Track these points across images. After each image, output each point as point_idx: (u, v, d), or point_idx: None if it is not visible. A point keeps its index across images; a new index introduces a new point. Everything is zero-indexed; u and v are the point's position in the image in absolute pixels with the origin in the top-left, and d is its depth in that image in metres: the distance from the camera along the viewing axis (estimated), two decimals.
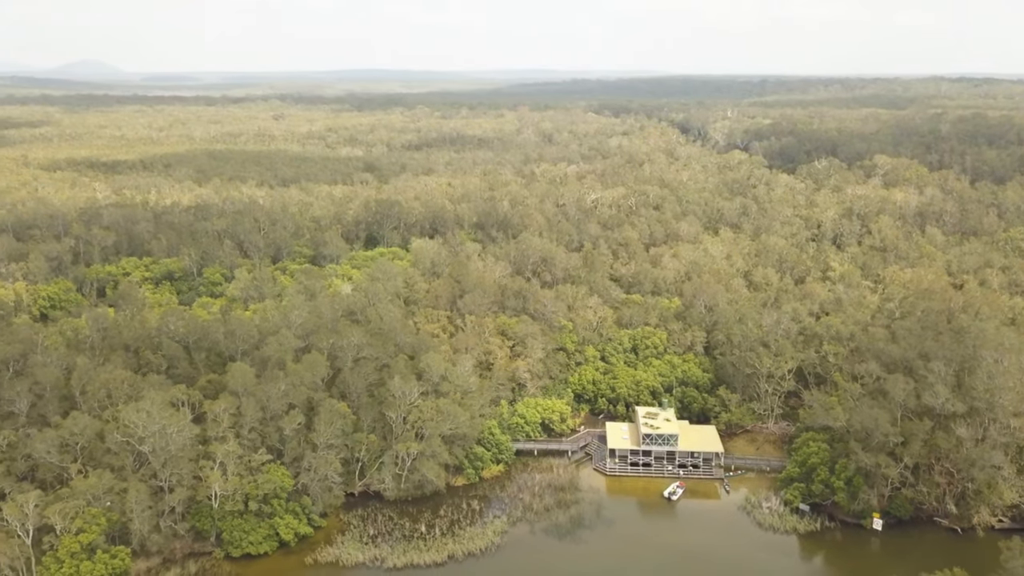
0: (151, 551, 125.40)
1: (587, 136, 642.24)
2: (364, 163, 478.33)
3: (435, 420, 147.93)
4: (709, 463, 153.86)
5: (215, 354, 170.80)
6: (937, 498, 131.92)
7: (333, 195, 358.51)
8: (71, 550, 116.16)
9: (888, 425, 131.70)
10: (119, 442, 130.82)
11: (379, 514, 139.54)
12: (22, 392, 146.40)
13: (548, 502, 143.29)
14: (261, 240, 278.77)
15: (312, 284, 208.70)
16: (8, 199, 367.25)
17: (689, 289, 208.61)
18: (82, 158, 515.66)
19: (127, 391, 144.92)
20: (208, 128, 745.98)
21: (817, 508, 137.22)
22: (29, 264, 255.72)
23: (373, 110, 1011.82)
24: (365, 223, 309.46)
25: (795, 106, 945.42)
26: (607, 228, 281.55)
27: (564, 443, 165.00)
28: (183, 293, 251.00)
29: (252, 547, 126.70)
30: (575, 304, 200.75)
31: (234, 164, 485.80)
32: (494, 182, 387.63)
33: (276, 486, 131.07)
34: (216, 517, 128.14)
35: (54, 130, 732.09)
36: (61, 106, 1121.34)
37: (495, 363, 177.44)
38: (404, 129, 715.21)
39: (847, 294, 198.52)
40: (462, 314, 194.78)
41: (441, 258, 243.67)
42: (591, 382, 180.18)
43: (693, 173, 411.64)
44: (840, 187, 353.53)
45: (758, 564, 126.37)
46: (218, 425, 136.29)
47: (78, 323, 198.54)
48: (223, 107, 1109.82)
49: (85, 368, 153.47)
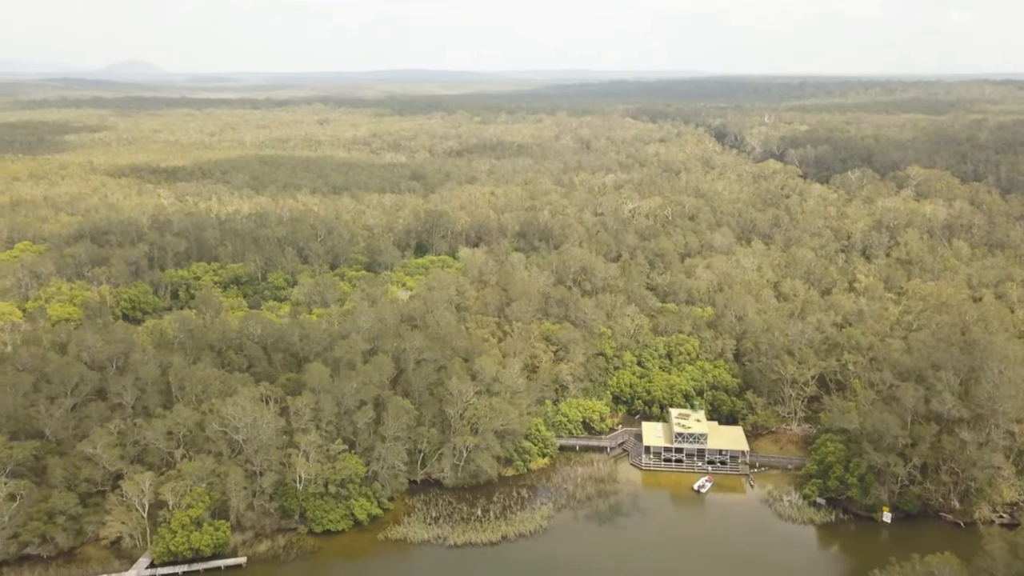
0: (246, 526, 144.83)
1: (624, 143, 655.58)
2: (410, 171, 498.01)
3: (488, 417, 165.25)
4: (736, 460, 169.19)
5: (290, 355, 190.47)
6: (943, 495, 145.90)
7: (383, 203, 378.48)
8: (182, 522, 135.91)
9: (898, 428, 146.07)
10: (217, 431, 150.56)
11: (439, 499, 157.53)
12: (128, 387, 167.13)
13: (589, 492, 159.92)
14: (320, 247, 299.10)
15: (373, 291, 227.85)
16: (83, 205, 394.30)
17: (721, 299, 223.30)
18: (143, 164, 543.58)
19: (219, 387, 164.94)
20: (257, 133, 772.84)
21: (833, 502, 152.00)
22: (111, 268, 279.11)
23: (414, 114, 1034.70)
24: (415, 232, 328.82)
25: (833, 111, 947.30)
26: (644, 238, 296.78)
27: (603, 440, 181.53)
28: (249, 296, 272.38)
29: (331, 524, 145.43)
30: (614, 312, 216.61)
31: (286, 170, 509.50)
32: (535, 191, 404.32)
33: (351, 472, 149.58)
34: (300, 498, 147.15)
35: (112, 135, 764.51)
36: (113, 108, 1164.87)
37: (540, 366, 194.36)
38: (445, 135, 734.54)
39: (869, 306, 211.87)
40: (509, 320, 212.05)
41: (488, 267, 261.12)
42: (628, 385, 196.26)
43: (728, 183, 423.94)
44: (872, 198, 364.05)
45: (778, 551, 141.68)
46: (300, 418, 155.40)
47: (162, 324, 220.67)
48: (268, 110, 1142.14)
49: (180, 366, 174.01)
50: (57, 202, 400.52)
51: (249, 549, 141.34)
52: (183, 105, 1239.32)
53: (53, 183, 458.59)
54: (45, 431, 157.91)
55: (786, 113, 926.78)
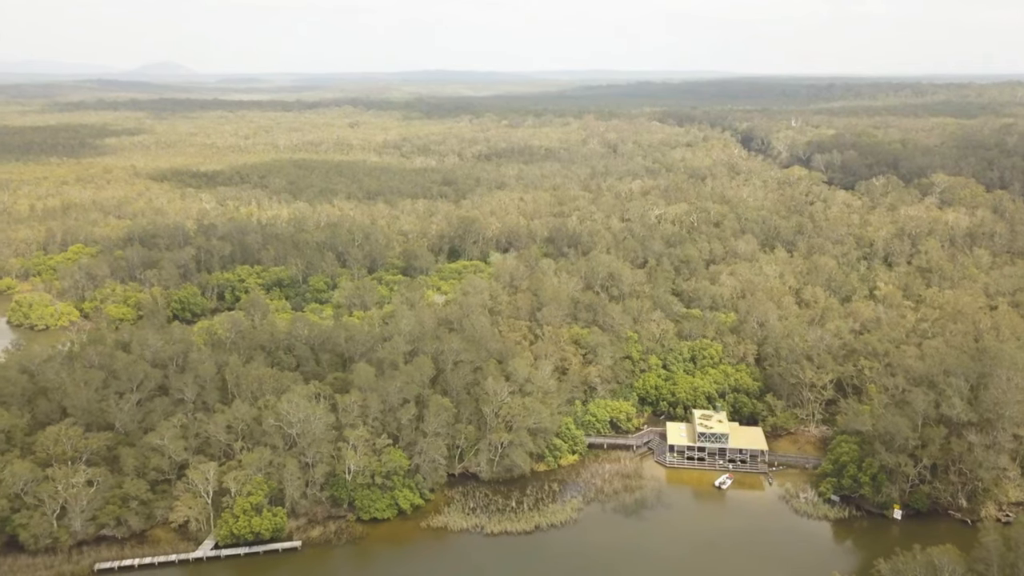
0: (300, 513, 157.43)
1: (651, 147, 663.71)
2: (441, 176, 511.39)
3: (522, 415, 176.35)
4: (755, 459, 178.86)
5: (336, 355, 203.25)
6: (951, 494, 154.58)
7: (417, 209, 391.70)
8: (244, 508, 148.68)
9: (908, 431, 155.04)
10: (272, 426, 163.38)
11: (476, 491, 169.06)
12: (188, 383, 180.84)
13: (616, 487, 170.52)
14: (358, 252, 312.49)
15: (412, 295, 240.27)
16: (129, 209, 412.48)
17: (743, 306, 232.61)
18: (182, 167, 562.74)
19: (273, 385, 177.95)
20: (290, 136, 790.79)
21: (846, 499, 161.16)
22: (161, 271, 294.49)
23: (442, 117, 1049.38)
24: (448, 237, 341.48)
25: (861, 114, 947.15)
26: (670, 245, 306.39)
27: (630, 439, 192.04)
28: (291, 299, 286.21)
29: (378, 512, 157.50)
30: (640, 317, 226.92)
31: (320, 174, 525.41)
32: (563, 197, 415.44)
33: (396, 465, 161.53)
34: (349, 488, 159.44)
35: (150, 138, 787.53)
36: (149, 111, 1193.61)
37: (570, 368, 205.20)
38: (474, 139, 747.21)
39: (886, 314, 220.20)
40: (540, 324, 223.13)
41: (519, 272, 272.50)
42: (654, 387, 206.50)
43: (753, 189, 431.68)
44: (895, 206, 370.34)
45: (793, 544, 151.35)
46: (349, 414, 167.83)
47: (213, 325, 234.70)
48: (300, 113, 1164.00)
49: (235, 365, 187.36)
50: (105, 206, 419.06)
51: (303, 534, 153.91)
52: (216, 107, 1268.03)
53: (99, 187, 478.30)
54: (115, 424, 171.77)
55: (814, 116, 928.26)
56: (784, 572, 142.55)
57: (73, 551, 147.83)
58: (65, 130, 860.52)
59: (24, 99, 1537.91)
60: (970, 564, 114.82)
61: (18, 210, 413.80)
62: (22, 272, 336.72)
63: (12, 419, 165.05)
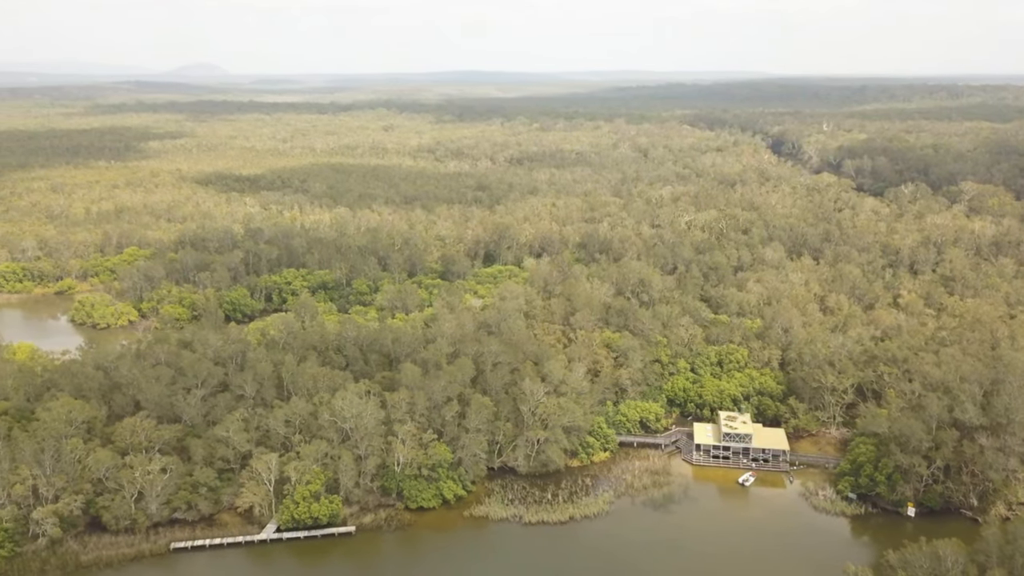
0: (353, 501, 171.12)
1: (682, 151, 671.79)
2: (475, 181, 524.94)
3: (557, 414, 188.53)
4: (777, 459, 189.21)
5: (382, 355, 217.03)
6: (963, 494, 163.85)
7: (452, 215, 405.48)
8: (303, 495, 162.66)
9: (922, 433, 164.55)
10: (328, 421, 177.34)
11: (514, 484, 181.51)
12: (248, 381, 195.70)
13: (645, 482, 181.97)
14: (398, 256, 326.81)
15: (452, 300, 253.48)
16: (179, 213, 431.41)
17: (769, 313, 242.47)
18: (225, 171, 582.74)
19: (327, 383, 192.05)
20: (326, 140, 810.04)
21: (863, 497, 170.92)
22: (214, 274, 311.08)
23: (474, 120, 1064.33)
24: (483, 242, 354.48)
25: (894, 118, 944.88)
26: (699, 252, 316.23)
27: (658, 438, 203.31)
28: (336, 301, 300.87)
29: (424, 502, 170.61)
30: (669, 323, 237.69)
31: (358, 179, 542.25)
32: (594, 203, 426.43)
33: (440, 458, 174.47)
34: (398, 479, 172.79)
35: (191, 141, 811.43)
36: (188, 114, 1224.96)
37: (602, 371, 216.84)
38: (505, 143, 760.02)
39: (907, 322, 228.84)
40: (574, 328, 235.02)
41: (552, 278, 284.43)
42: (682, 389, 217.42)
43: (782, 196, 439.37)
44: (922, 214, 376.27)
45: (812, 537, 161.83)
46: (397, 410, 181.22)
47: (265, 326, 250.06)
48: (335, 115, 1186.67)
49: (290, 364, 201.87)
50: (156, 209, 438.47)
51: (357, 520, 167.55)
52: (252, 109, 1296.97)
53: (148, 191, 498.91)
54: (183, 417, 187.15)
55: (846, 120, 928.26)
56: (802, 562, 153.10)
57: (150, 532, 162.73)
58: (110, 133, 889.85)
59: (67, 101, 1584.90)
60: (971, 556, 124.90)
61: (74, 213, 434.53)
62: (81, 273, 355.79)
63: (92, 411, 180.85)
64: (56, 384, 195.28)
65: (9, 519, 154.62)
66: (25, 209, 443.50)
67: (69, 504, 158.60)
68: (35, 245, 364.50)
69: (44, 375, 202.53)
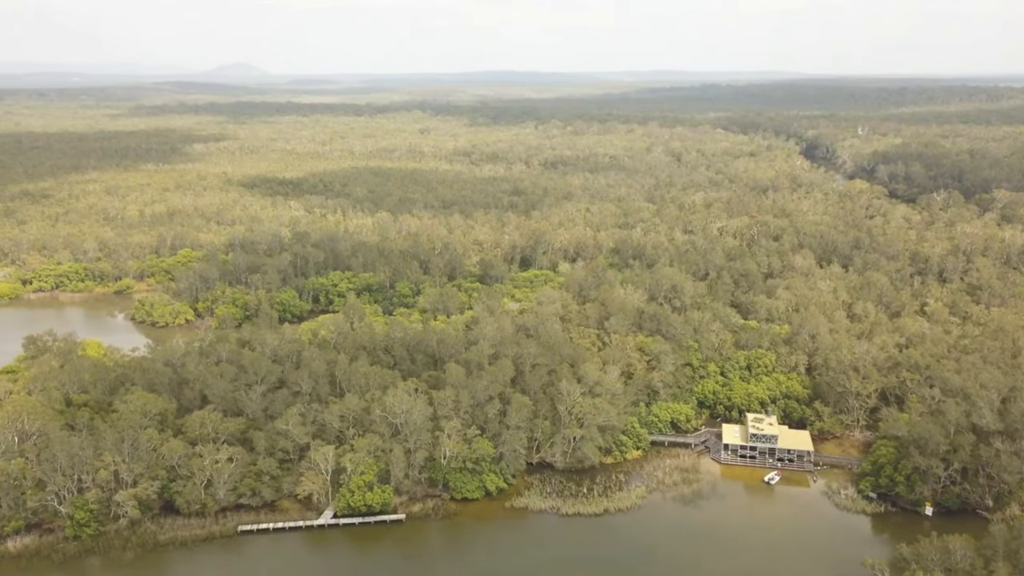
0: (402, 491, 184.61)
1: (715, 156, 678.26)
2: (510, 185, 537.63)
3: (592, 414, 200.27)
4: (802, 459, 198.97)
5: (427, 355, 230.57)
6: (979, 495, 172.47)
7: (489, 220, 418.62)
8: (358, 484, 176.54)
9: (940, 437, 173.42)
10: (380, 416, 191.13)
11: (552, 478, 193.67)
12: (304, 378, 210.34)
13: (676, 479, 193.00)
14: (439, 260, 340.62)
15: (492, 303, 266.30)
16: (228, 216, 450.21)
17: (797, 319, 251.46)
18: (270, 175, 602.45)
19: (378, 381, 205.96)
20: (364, 143, 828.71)
21: (883, 497, 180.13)
22: (265, 275, 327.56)
23: (508, 122, 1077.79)
24: (519, 247, 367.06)
25: (931, 121, 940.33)
26: (730, 259, 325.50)
27: (688, 438, 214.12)
28: (380, 303, 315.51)
29: (468, 493, 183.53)
30: (700, 328, 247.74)
31: (397, 182, 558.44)
32: (628, 208, 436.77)
33: (483, 452, 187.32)
34: (444, 471, 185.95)
35: (233, 143, 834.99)
36: (228, 115, 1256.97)
37: (635, 373, 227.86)
38: (539, 147, 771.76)
39: (931, 330, 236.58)
40: (608, 332, 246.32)
41: (587, 283, 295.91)
42: (712, 392, 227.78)
43: (813, 202, 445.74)
44: (953, 222, 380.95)
45: (833, 533, 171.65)
46: (444, 407, 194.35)
47: (315, 326, 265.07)
48: (371, 117, 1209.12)
49: (343, 363, 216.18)
50: (206, 212, 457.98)
51: (406, 508, 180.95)
52: (291, 111, 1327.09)
53: (197, 194, 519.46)
54: (245, 411, 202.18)
55: (882, 123, 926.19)
56: (823, 556, 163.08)
57: (218, 515, 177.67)
58: (155, 135, 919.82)
59: (112, 102, 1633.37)
60: (979, 550, 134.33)
61: (129, 215, 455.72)
62: (138, 273, 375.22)
63: (164, 404, 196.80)
64: (129, 379, 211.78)
65: (94, 501, 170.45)
66: (83, 211, 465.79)
67: (147, 489, 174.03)
68: (95, 246, 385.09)
69: (117, 370, 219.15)
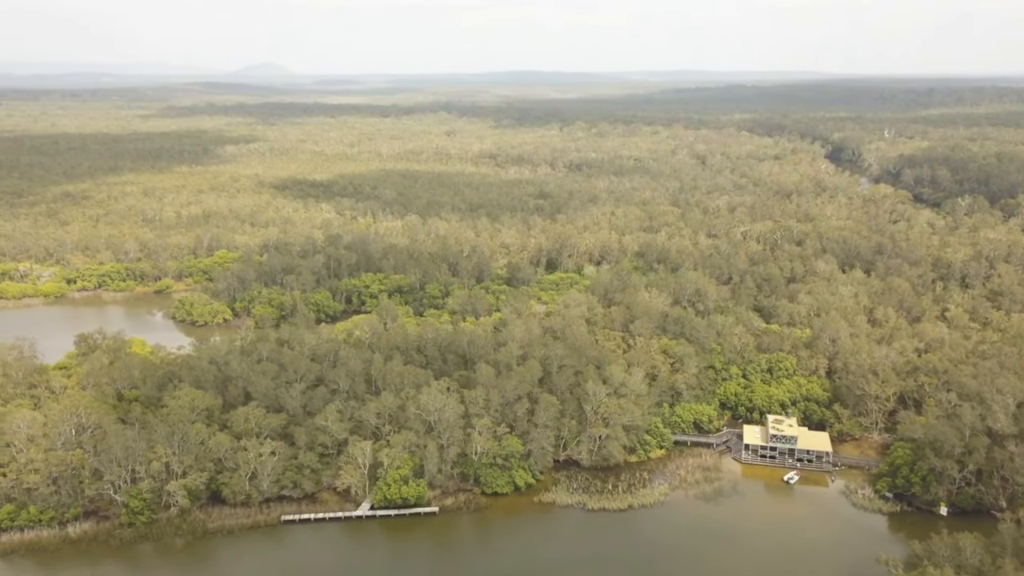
0: (436, 485, 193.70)
1: (739, 159, 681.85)
2: (535, 188, 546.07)
3: (617, 414, 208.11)
4: (820, 460, 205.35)
5: (458, 355, 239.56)
6: (993, 496, 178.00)
7: (516, 223, 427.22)
8: (394, 478, 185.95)
9: (955, 439, 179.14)
10: (414, 413, 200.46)
11: (578, 475, 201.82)
12: (341, 376, 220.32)
13: (698, 477, 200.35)
14: (467, 263, 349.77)
15: (519, 306, 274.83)
16: (262, 218, 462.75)
17: (818, 323, 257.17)
18: (300, 177, 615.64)
19: (412, 380, 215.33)
20: (392, 144, 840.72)
21: (899, 497, 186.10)
22: (300, 277, 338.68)
23: (533, 124, 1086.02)
24: (545, 250, 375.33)
25: (959, 124, 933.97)
26: (754, 263, 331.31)
27: (710, 438, 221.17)
28: (411, 304, 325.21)
29: (498, 488, 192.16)
30: (723, 331, 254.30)
31: (424, 185, 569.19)
32: (652, 212, 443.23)
33: (513, 449, 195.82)
34: (475, 466, 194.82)
35: (264, 145, 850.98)
36: (257, 116, 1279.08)
37: (659, 375, 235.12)
38: (564, 149, 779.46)
39: (951, 335, 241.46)
40: (633, 335, 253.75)
41: (613, 286, 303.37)
42: (734, 394, 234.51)
43: (837, 207, 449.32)
44: (977, 227, 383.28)
45: (850, 531, 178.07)
46: (475, 406, 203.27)
47: (350, 326, 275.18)
48: (397, 119, 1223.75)
49: (378, 362, 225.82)
50: (240, 214, 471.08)
51: (439, 502, 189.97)
52: (318, 112, 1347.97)
53: (231, 195, 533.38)
54: (286, 407, 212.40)
55: (909, 126, 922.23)
56: (839, 552, 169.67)
57: (262, 506, 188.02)
58: (187, 136, 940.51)
59: (143, 103, 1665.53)
60: (988, 547, 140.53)
61: (166, 217, 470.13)
62: (176, 273, 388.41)
63: (210, 400, 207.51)
64: (177, 375, 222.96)
65: (147, 490, 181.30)
66: (123, 212, 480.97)
67: (196, 479, 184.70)
68: (136, 247, 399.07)
69: (164, 367, 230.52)
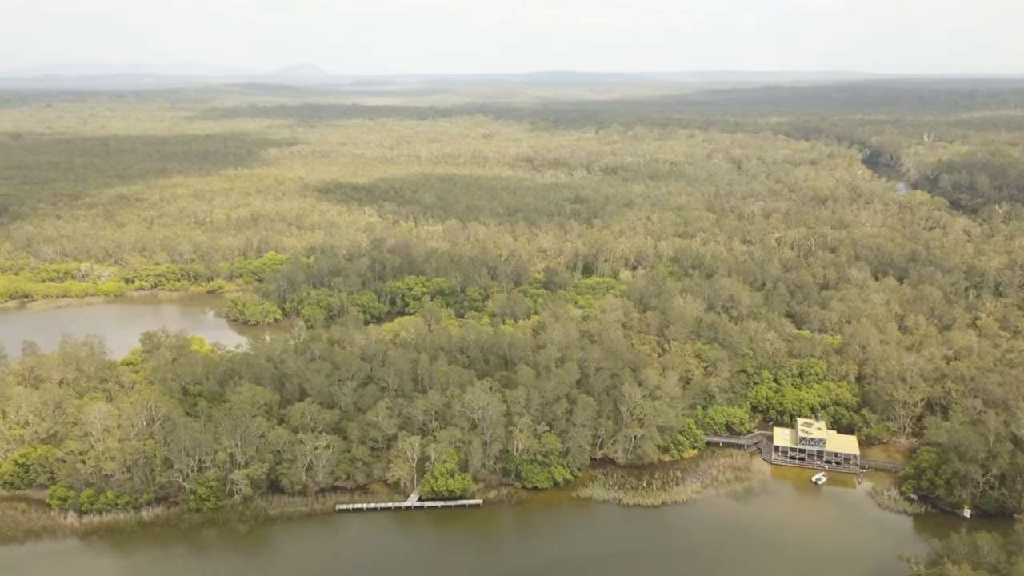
0: (479, 479, 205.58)
1: (775, 164, 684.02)
2: (572, 192, 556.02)
3: (652, 415, 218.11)
4: (848, 462, 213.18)
5: (499, 357, 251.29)
6: (1016, 499, 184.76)
7: (552, 228, 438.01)
8: (441, 471, 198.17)
9: (979, 444, 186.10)
10: (460, 411, 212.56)
11: (614, 472, 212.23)
12: (390, 375, 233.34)
13: (729, 477, 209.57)
14: (505, 266, 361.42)
15: (557, 310, 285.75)
16: (308, 221, 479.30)
17: (849, 330, 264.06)
18: (343, 180, 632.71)
19: (457, 379, 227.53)
20: (430, 148, 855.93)
21: (924, 498, 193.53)
22: (347, 279, 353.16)
23: (568, 126, 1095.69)
24: (582, 255, 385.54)
25: (1001, 127, 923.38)
26: (787, 270, 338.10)
27: (742, 439, 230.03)
28: (452, 306, 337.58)
29: (538, 483, 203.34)
30: (756, 337, 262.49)
31: (462, 189, 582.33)
32: (688, 217, 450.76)
33: (552, 447, 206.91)
34: (516, 462, 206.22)
35: (305, 148, 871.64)
36: (297, 118, 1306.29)
37: (693, 378, 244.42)
38: (600, 152, 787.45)
39: (980, 343, 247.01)
40: (668, 340, 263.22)
41: (648, 291, 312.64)
42: (765, 398, 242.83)
43: (872, 213, 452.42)
44: (1014, 235, 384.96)
45: (875, 530, 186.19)
46: (516, 405, 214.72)
47: (395, 328, 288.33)
48: (434, 121, 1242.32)
49: (424, 362, 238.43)
50: (287, 217, 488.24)
51: (483, 495, 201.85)
52: (356, 114, 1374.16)
53: (277, 198, 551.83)
54: (339, 403, 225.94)
55: (950, 129, 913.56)
56: (864, 550, 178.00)
57: (317, 495, 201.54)
58: (231, 138, 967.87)
59: (185, 104, 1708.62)
60: (1004, 545, 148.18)
61: (216, 219, 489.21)
62: (228, 274, 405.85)
63: (269, 396, 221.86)
64: (237, 372, 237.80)
65: (213, 479, 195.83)
66: (175, 215, 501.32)
67: (257, 470, 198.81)
68: (190, 248, 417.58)
69: (224, 364, 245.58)
